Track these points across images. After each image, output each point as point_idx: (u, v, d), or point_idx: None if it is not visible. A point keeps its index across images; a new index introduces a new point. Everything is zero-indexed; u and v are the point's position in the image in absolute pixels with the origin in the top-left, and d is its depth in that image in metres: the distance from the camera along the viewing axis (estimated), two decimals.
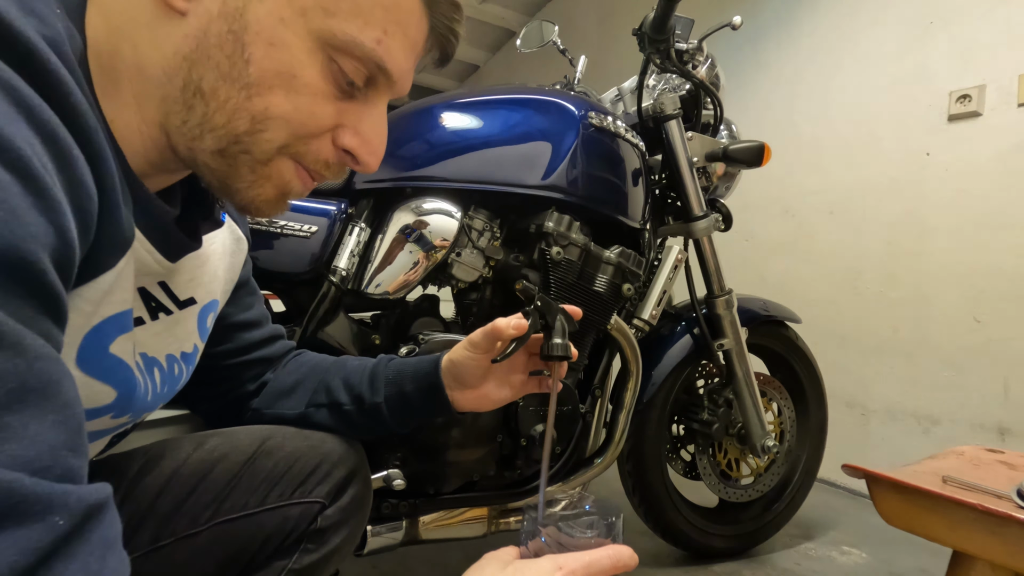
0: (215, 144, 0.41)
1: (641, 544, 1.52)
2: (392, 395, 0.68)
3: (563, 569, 0.44)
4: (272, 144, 0.42)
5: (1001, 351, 1.68)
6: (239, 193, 0.43)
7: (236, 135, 0.41)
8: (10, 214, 0.25)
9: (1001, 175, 1.70)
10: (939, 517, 0.83)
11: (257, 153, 0.42)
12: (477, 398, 0.68)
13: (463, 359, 0.66)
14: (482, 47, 4.72)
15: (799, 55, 2.29)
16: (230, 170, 0.42)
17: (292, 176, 0.44)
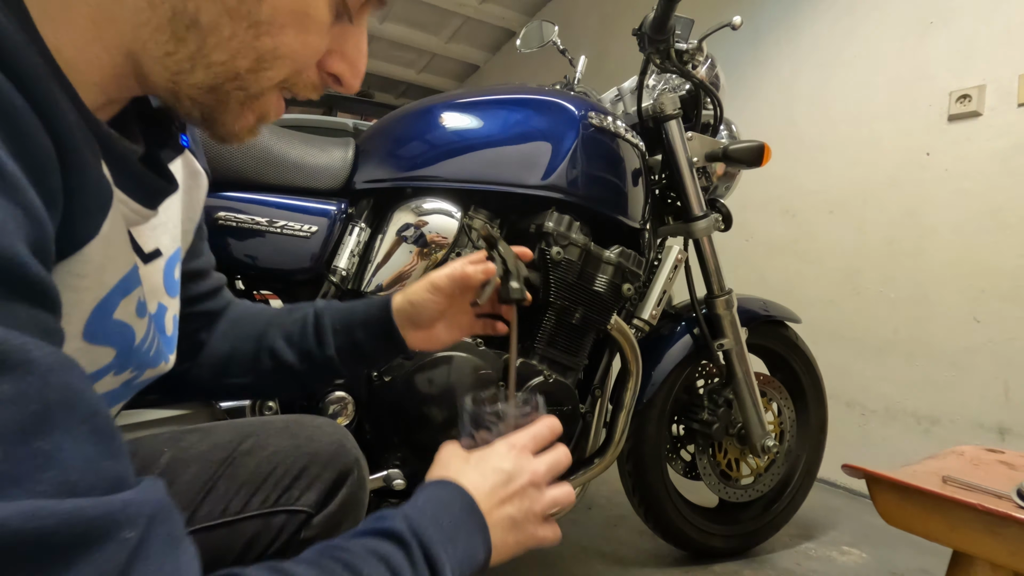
0: (208, 80, 0.38)
1: (641, 544, 1.52)
2: (343, 345, 0.67)
3: (515, 447, 0.51)
4: (272, 81, 0.40)
5: (1001, 351, 1.68)
6: (223, 126, 0.41)
7: (236, 73, 0.38)
8: None
9: (1001, 175, 1.70)
10: (939, 517, 0.83)
11: (254, 90, 0.39)
12: (427, 338, 0.69)
13: (424, 301, 0.67)
14: (482, 47, 4.72)
15: (799, 55, 2.29)
16: (218, 104, 0.39)
17: (276, 105, 0.42)
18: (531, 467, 0.51)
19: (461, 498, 0.47)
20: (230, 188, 0.95)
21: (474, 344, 1.01)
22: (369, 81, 5.35)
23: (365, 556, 0.37)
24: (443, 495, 0.46)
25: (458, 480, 0.48)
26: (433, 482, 0.48)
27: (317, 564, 0.36)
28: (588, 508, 1.74)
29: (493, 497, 0.48)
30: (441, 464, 0.52)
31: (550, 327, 1.08)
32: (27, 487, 0.21)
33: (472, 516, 0.46)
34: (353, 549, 0.38)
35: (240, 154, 0.95)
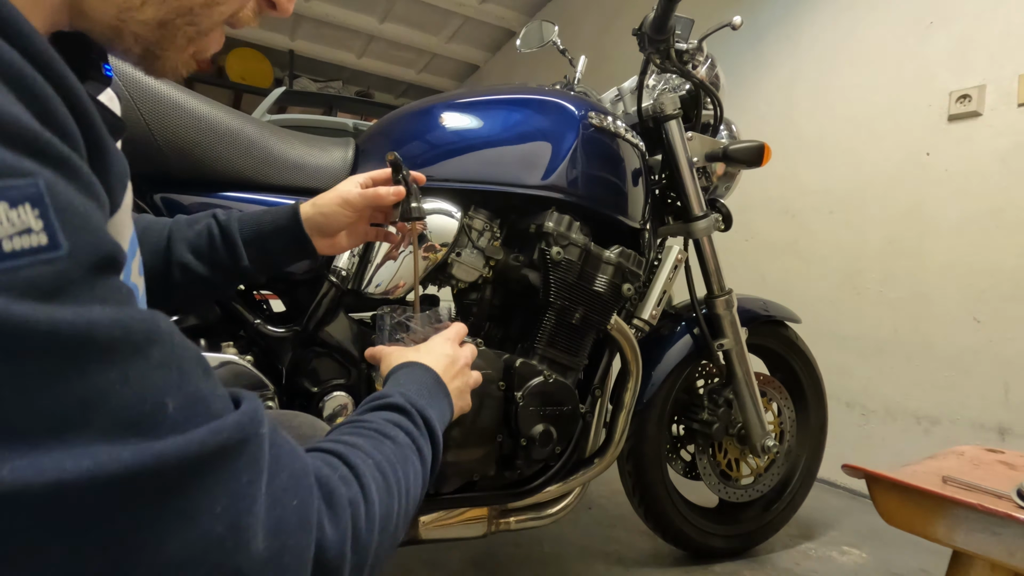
0: (159, 16, 0.37)
1: (641, 544, 1.52)
2: (255, 255, 0.74)
3: (450, 339, 0.70)
4: (224, 16, 0.40)
5: (1001, 351, 1.68)
6: (164, 61, 0.40)
7: (190, 8, 0.38)
8: (84, 220, 0.25)
9: (1001, 175, 1.70)
10: (939, 517, 0.83)
11: (205, 25, 0.39)
12: (332, 244, 0.78)
13: (335, 214, 0.75)
14: (482, 47, 4.72)
15: (799, 55, 2.29)
16: (164, 40, 0.39)
17: (218, 40, 0.42)
18: (463, 354, 0.70)
19: (430, 375, 0.61)
20: (230, 188, 0.95)
21: (475, 344, 1.01)
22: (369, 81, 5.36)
23: (385, 424, 0.48)
24: (418, 374, 0.61)
25: (422, 362, 0.63)
26: (404, 365, 0.62)
27: (356, 433, 0.45)
28: (588, 508, 1.74)
29: (447, 373, 0.64)
30: (398, 355, 0.66)
31: (550, 327, 1.08)
32: (198, 422, 0.27)
33: (439, 386, 0.61)
34: (375, 420, 0.48)
35: (240, 154, 0.95)
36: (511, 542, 1.50)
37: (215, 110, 0.93)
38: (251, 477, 0.29)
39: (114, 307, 0.25)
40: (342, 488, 0.37)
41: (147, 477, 0.24)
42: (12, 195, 0.22)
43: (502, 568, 1.39)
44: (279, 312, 1.04)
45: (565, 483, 1.15)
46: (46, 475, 0.21)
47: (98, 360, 0.24)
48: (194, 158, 0.91)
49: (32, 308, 0.22)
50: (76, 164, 0.26)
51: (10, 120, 0.23)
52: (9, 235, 0.22)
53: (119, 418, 0.24)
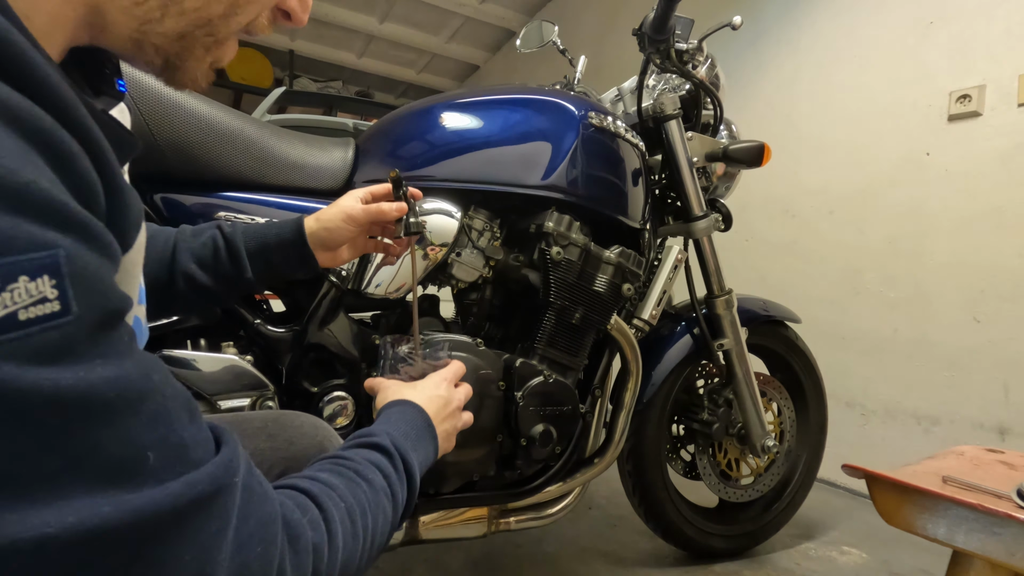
0: (178, 27, 0.38)
1: (641, 544, 1.52)
2: (259, 267, 0.76)
3: (446, 380, 0.72)
4: (240, 26, 0.41)
5: (1001, 351, 1.68)
6: (184, 72, 0.41)
7: (209, 19, 0.39)
8: (95, 282, 0.27)
9: (1001, 175, 1.70)
10: (939, 517, 0.83)
11: (222, 35, 0.40)
12: (332, 258, 0.81)
13: (339, 229, 0.77)
14: (482, 47, 4.72)
15: (799, 55, 2.29)
16: (183, 51, 0.40)
17: (232, 50, 0.43)
18: (457, 396, 0.72)
19: (420, 416, 0.63)
20: (230, 188, 0.95)
21: (474, 344, 1.01)
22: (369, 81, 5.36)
23: (366, 464, 0.50)
24: (409, 415, 0.62)
25: (415, 402, 0.64)
26: (398, 402, 0.64)
27: (337, 472, 0.47)
28: (588, 508, 1.74)
29: (438, 416, 0.66)
30: (394, 390, 0.68)
31: (550, 327, 1.08)
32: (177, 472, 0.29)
33: (428, 429, 0.63)
34: (356, 459, 0.50)
35: (240, 154, 0.95)
36: (511, 542, 1.50)
37: (215, 110, 0.93)
38: (220, 526, 0.31)
39: (115, 363, 0.27)
40: (309, 532, 0.39)
41: (124, 530, 0.26)
42: (33, 267, 0.25)
43: (502, 568, 1.39)
44: (279, 312, 1.04)
45: (565, 483, 1.15)
46: (32, 531, 0.23)
47: (94, 420, 0.26)
48: (194, 158, 0.91)
49: (38, 373, 0.24)
50: (94, 227, 0.28)
51: (40, 195, 0.25)
52: (25, 305, 0.24)
53: (103, 471, 0.26)
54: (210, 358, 0.88)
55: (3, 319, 0.24)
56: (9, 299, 0.24)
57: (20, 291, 0.24)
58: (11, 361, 0.24)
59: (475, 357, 1.00)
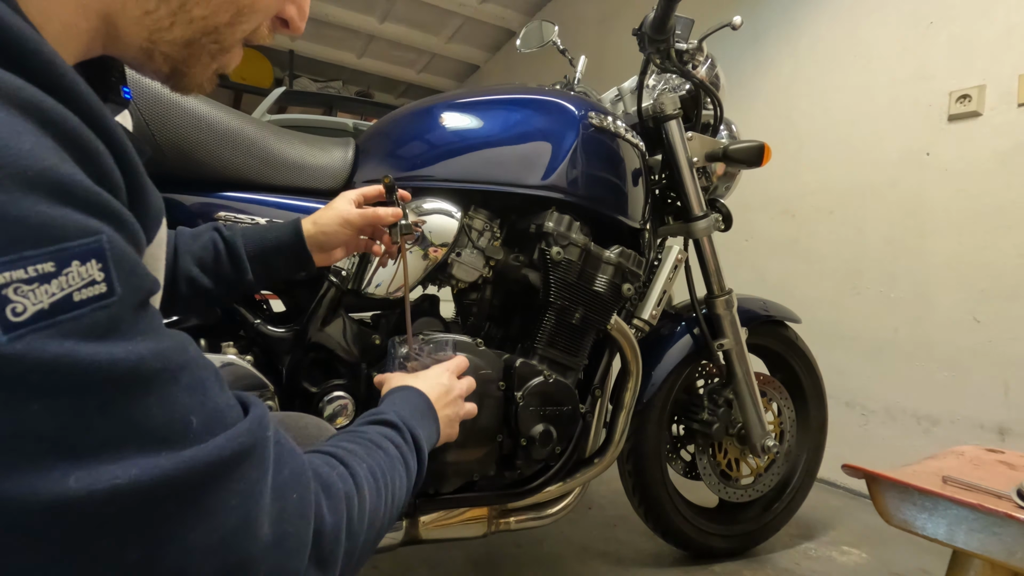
0: (185, 35, 0.40)
1: (641, 544, 1.52)
2: (259, 270, 0.79)
3: (448, 370, 0.76)
4: (245, 33, 0.42)
5: (1001, 351, 1.68)
6: (191, 78, 0.43)
7: (215, 27, 0.40)
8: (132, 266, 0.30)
9: (1001, 175, 1.70)
10: (939, 517, 0.83)
11: (227, 43, 0.42)
12: (327, 258, 0.84)
13: (336, 233, 0.81)
14: (482, 47, 4.72)
15: (799, 55, 2.29)
16: (190, 58, 0.41)
17: (238, 56, 0.45)
18: (459, 385, 0.76)
19: (423, 399, 0.67)
20: (230, 188, 0.95)
21: (474, 344, 1.01)
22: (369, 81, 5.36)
23: (379, 436, 0.53)
24: (412, 397, 0.66)
25: (418, 387, 0.69)
26: (400, 388, 0.68)
27: (353, 441, 0.50)
28: (588, 508, 1.74)
29: (440, 401, 0.70)
30: (397, 379, 0.72)
31: (550, 327, 1.08)
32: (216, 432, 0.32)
33: (430, 411, 0.67)
34: (369, 432, 0.54)
35: (240, 154, 0.95)
36: (511, 542, 1.50)
37: (215, 110, 0.93)
38: (259, 475, 0.34)
39: (154, 339, 0.30)
40: (339, 483, 0.42)
41: (180, 480, 0.29)
42: (83, 252, 0.27)
43: (502, 568, 1.39)
44: (279, 312, 1.04)
45: (565, 483, 1.15)
46: (104, 482, 0.27)
47: (143, 389, 0.29)
48: (194, 158, 0.91)
49: (94, 348, 0.27)
50: (125, 216, 0.31)
51: (80, 186, 0.28)
52: (79, 287, 0.27)
53: (155, 435, 0.29)
54: (210, 358, 0.88)
55: (61, 300, 0.26)
56: (65, 282, 0.26)
57: (73, 275, 0.27)
58: (71, 338, 0.26)
59: (475, 357, 0.99)
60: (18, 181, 0.26)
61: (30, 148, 0.26)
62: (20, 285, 0.25)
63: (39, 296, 0.26)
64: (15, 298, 0.25)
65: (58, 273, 0.26)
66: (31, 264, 0.26)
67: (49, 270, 0.26)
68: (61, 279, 0.26)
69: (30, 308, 0.26)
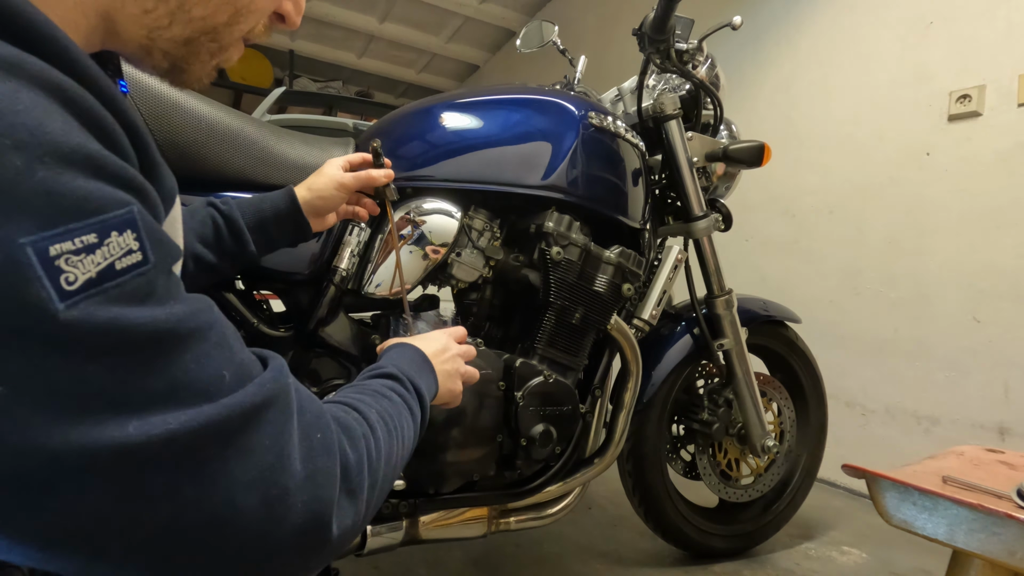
0: (184, 33, 0.41)
1: (641, 544, 1.52)
2: (259, 240, 0.82)
3: (446, 333, 0.77)
4: (242, 33, 0.43)
5: (1001, 351, 1.68)
6: (190, 74, 0.44)
7: (213, 26, 0.41)
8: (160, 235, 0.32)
9: (1001, 175, 1.70)
10: (939, 517, 0.83)
11: (225, 42, 0.43)
12: (321, 223, 0.87)
13: (332, 197, 0.84)
14: (482, 47, 4.72)
15: (799, 55, 2.29)
16: (189, 56, 0.42)
17: (237, 53, 0.46)
18: (456, 345, 0.76)
19: (419, 354, 0.68)
20: (230, 188, 0.95)
21: (474, 344, 1.01)
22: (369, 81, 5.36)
23: (382, 387, 0.56)
24: (407, 352, 0.67)
25: (413, 344, 0.70)
26: (396, 345, 0.69)
27: (362, 392, 0.53)
28: (588, 508, 1.74)
29: (437, 357, 0.70)
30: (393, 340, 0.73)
31: (550, 327, 1.08)
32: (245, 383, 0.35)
33: (427, 365, 0.68)
34: (372, 385, 0.56)
35: (240, 154, 0.95)
36: (511, 542, 1.50)
37: (215, 110, 0.93)
38: (286, 417, 0.37)
39: (184, 302, 0.33)
40: (356, 426, 0.45)
41: (221, 425, 0.32)
42: (120, 223, 0.30)
43: (502, 568, 1.39)
44: (279, 312, 1.04)
45: (565, 483, 1.15)
46: (158, 428, 0.30)
47: (181, 347, 0.32)
48: (194, 158, 0.91)
49: (138, 312, 0.30)
50: (148, 188, 0.33)
51: (109, 161, 0.30)
52: (119, 256, 0.29)
53: (196, 387, 0.32)
54: None
55: (106, 269, 0.29)
56: (107, 252, 0.29)
57: (113, 244, 0.29)
58: (117, 303, 0.29)
59: (475, 357, 0.99)
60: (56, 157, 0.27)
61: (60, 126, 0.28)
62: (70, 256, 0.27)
63: (87, 266, 0.28)
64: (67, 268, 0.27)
65: (100, 244, 0.28)
66: (77, 236, 0.27)
67: (93, 241, 0.28)
68: (104, 249, 0.28)
69: (80, 277, 0.28)
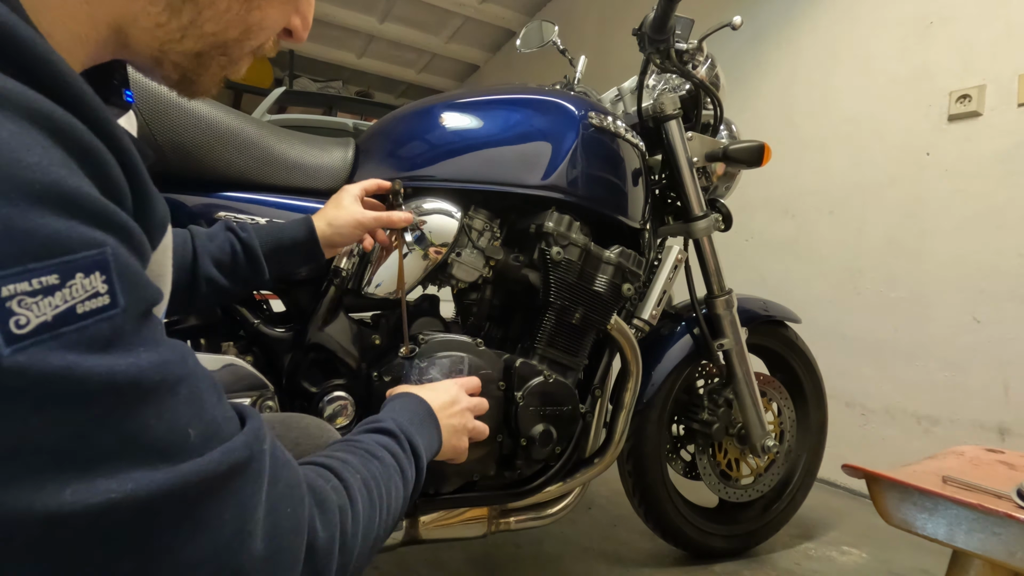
0: (195, 47, 0.41)
1: (641, 544, 1.52)
2: (274, 267, 0.84)
3: (457, 384, 0.77)
4: (252, 48, 0.44)
5: (1001, 351, 1.68)
6: (199, 85, 0.44)
7: (224, 42, 0.41)
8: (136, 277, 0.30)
9: (1001, 175, 1.70)
10: (939, 517, 0.83)
11: (235, 56, 0.43)
12: (332, 253, 0.90)
13: (351, 234, 0.87)
14: (482, 47, 4.72)
15: (799, 55, 2.29)
16: (199, 68, 0.42)
17: (247, 65, 0.46)
18: (466, 399, 0.76)
19: (424, 407, 0.66)
20: (230, 188, 0.95)
21: (474, 344, 1.01)
22: (369, 81, 5.36)
23: (375, 445, 0.53)
24: (411, 404, 0.66)
25: (420, 395, 0.68)
26: (401, 395, 0.68)
27: (349, 451, 0.50)
28: (588, 508, 1.74)
29: (444, 411, 0.69)
30: (402, 388, 0.72)
31: (550, 327, 1.08)
32: (213, 445, 0.32)
33: (431, 419, 0.66)
34: (366, 441, 0.53)
35: (240, 154, 0.95)
36: (511, 542, 1.50)
37: (215, 110, 0.93)
38: (254, 489, 0.34)
39: (155, 350, 0.30)
40: (333, 496, 0.42)
41: (175, 494, 0.29)
42: (87, 264, 0.27)
43: (502, 568, 1.39)
44: (279, 312, 1.04)
45: (565, 483, 1.15)
46: (100, 496, 0.27)
47: (142, 401, 0.29)
48: (194, 158, 0.91)
49: (95, 360, 0.27)
50: (131, 226, 0.31)
51: (85, 198, 0.28)
52: (82, 299, 0.27)
53: (153, 447, 0.29)
54: (210, 358, 0.88)
55: (64, 312, 0.26)
56: (69, 294, 0.27)
57: (77, 287, 0.27)
58: (73, 350, 0.26)
59: (475, 357, 0.99)
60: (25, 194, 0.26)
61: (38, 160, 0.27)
62: (24, 297, 0.25)
63: (42, 308, 0.26)
64: (19, 310, 0.25)
65: (62, 285, 0.26)
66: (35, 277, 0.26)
67: (53, 282, 0.26)
68: (65, 291, 0.27)
69: (33, 320, 0.26)
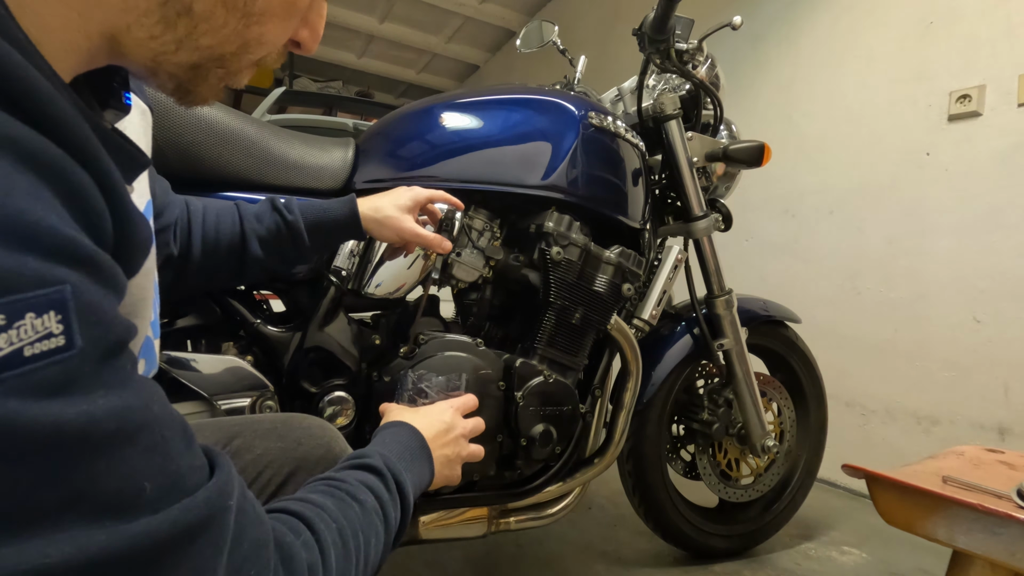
0: (191, 59, 0.39)
1: (641, 544, 1.52)
2: (316, 245, 0.84)
3: (452, 407, 0.76)
4: (251, 62, 0.42)
5: (1001, 351, 1.68)
6: (196, 95, 0.43)
7: (221, 55, 0.40)
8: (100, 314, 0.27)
9: (1001, 175, 1.70)
10: (939, 517, 0.83)
11: (233, 69, 0.42)
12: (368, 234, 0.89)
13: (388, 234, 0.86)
14: (482, 47, 4.72)
15: (799, 55, 2.29)
16: (196, 79, 0.41)
17: (248, 76, 0.45)
18: (462, 424, 0.74)
19: (416, 437, 0.64)
20: (230, 188, 0.95)
21: (474, 344, 1.01)
22: (369, 81, 5.36)
23: (358, 486, 0.50)
24: (403, 435, 0.63)
25: (413, 424, 0.66)
26: (394, 423, 0.65)
27: (328, 494, 0.47)
28: (588, 508, 1.74)
29: (437, 440, 0.67)
30: (395, 412, 0.71)
31: (550, 327, 1.08)
32: (172, 500, 0.29)
33: (423, 451, 0.64)
34: (348, 480, 0.50)
35: (240, 154, 0.95)
36: (511, 542, 1.50)
37: (215, 110, 0.93)
38: (214, 550, 0.31)
39: (116, 394, 0.28)
40: (303, 553, 0.39)
41: (122, 558, 0.26)
42: (40, 303, 0.25)
43: (502, 568, 1.39)
44: (279, 312, 1.04)
45: (565, 483, 1.15)
46: (31, 562, 0.24)
47: (93, 453, 0.26)
48: (194, 158, 0.91)
49: (41, 408, 0.24)
50: (101, 260, 0.28)
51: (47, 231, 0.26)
52: (31, 341, 0.25)
53: (101, 503, 0.26)
54: (210, 359, 0.88)
55: (9, 356, 0.24)
56: (15, 336, 0.24)
57: (26, 327, 0.24)
58: (14, 397, 0.24)
59: (475, 357, 1.00)
60: None
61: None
62: None
63: None
64: None
65: (8, 326, 0.24)
66: None
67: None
68: (11, 333, 0.24)
69: None
